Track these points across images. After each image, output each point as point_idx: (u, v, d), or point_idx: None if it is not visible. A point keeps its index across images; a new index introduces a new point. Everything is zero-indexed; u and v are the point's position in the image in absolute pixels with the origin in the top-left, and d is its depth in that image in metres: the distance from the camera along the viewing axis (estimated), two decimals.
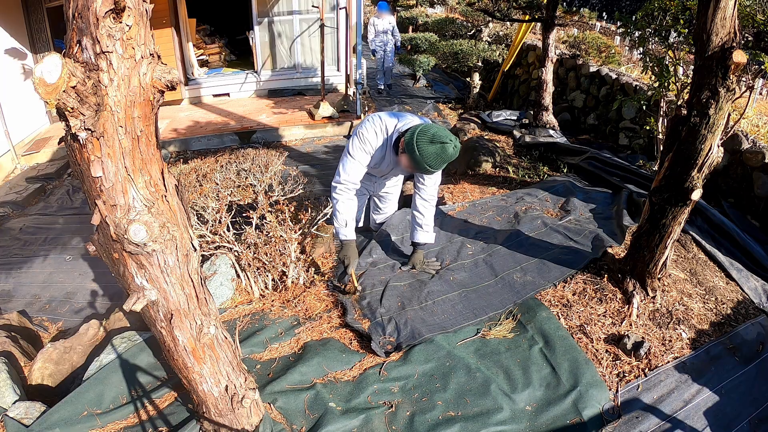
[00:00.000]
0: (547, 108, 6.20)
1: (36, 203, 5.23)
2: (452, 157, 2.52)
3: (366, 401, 2.26)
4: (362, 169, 2.80)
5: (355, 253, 2.93)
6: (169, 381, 2.38)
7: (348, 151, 2.77)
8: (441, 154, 2.48)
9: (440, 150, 2.47)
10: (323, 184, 5.20)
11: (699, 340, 2.57)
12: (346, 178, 2.76)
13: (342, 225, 2.86)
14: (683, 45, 3.99)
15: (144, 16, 1.32)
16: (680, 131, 2.43)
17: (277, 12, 7.82)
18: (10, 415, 2.19)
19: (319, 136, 6.93)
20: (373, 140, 2.74)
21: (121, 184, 1.42)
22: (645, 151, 5.46)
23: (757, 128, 4.54)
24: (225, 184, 3.02)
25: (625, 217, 3.58)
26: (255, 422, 2.06)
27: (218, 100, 8.13)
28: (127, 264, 1.55)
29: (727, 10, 2.13)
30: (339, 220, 2.85)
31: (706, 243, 3.40)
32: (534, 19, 6.73)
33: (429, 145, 2.48)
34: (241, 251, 2.93)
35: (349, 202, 2.82)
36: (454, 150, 2.50)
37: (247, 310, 2.85)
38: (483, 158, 5.16)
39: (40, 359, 2.62)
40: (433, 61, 9.13)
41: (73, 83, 1.22)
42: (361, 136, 2.74)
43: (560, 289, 2.87)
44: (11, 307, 3.47)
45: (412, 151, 2.52)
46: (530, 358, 2.45)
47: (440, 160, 2.50)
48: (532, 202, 3.95)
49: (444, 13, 13.32)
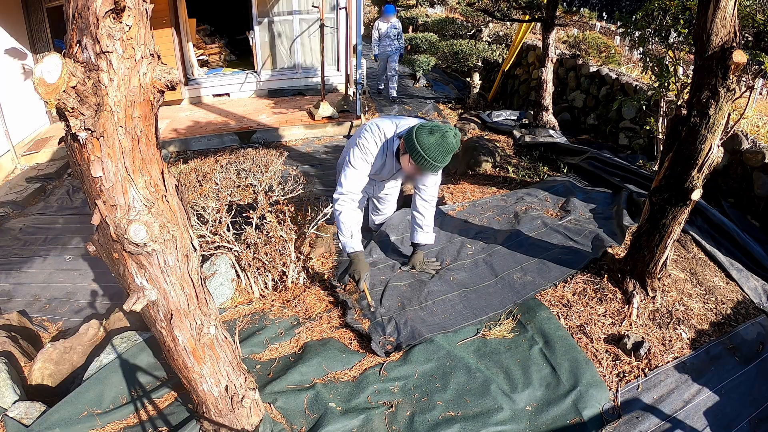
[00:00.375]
0: (547, 108, 6.20)
1: (36, 203, 5.23)
2: (454, 146, 2.44)
3: (366, 401, 2.26)
4: (364, 178, 2.75)
5: (366, 267, 2.77)
6: (169, 381, 2.38)
7: (349, 162, 2.72)
8: (442, 143, 2.40)
9: (440, 139, 2.40)
10: (323, 184, 5.19)
11: (699, 340, 2.57)
12: (348, 188, 2.70)
13: (348, 237, 2.74)
14: (683, 45, 3.99)
15: (144, 16, 1.32)
16: (680, 131, 2.43)
17: (277, 12, 7.82)
18: (10, 415, 2.20)
19: (319, 136, 6.93)
20: (373, 149, 2.70)
21: (121, 184, 1.42)
22: (645, 151, 5.46)
23: (757, 128, 4.54)
24: (225, 184, 3.02)
25: (625, 217, 3.58)
26: (255, 422, 2.06)
27: (218, 100, 8.13)
28: (127, 264, 1.55)
29: (727, 10, 2.13)
30: (344, 232, 2.73)
31: (706, 243, 3.40)
32: (534, 19, 6.73)
33: (428, 137, 2.41)
34: (241, 251, 2.93)
35: (353, 213, 2.73)
36: (455, 139, 2.42)
37: (247, 310, 2.85)
38: (483, 158, 5.16)
39: (40, 359, 2.62)
40: (433, 61, 9.12)
41: (73, 83, 1.22)
42: (362, 146, 2.69)
43: (560, 289, 2.87)
44: (11, 307, 3.47)
45: (413, 148, 2.45)
46: (530, 358, 2.45)
47: (442, 150, 2.42)
48: (532, 202, 3.95)
49: (444, 13, 13.32)
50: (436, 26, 9.86)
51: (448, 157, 2.47)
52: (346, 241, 2.75)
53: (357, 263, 2.76)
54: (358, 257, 2.77)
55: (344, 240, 2.76)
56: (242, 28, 9.32)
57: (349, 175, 2.71)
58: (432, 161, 2.44)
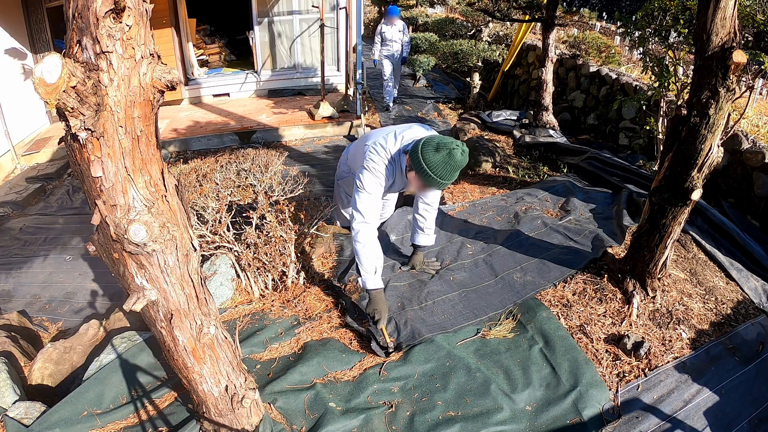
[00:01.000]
0: (547, 108, 6.20)
1: (36, 203, 5.23)
2: (461, 163, 2.34)
3: (366, 401, 2.26)
4: (380, 202, 2.64)
5: (386, 307, 2.58)
6: (169, 381, 2.38)
7: (363, 187, 2.55)
8: (449, 161, 2.31)
9: (447, 157, 2.30)
10: (323, 184, 5.20)
11: (699, 340, 2.57)
12: (368, 217, 2.54)
13: (371, 272, 2.54)
14: (683, 45, 3.99)
15: (144, 16, 1.32)
16: (680, 131, 2.43)
17: (277, 12, 7.82)
18: (10, 415, 2.20)
19: (319, 136, 6.93)
20: (383, 170, 2.56)
21: (121, 184, 1.42)
22: (645, 151, 5.46)
23: (757, 128, 4.54)
24: (225, 184, 3.02)
25: (625, 217, 3.58)
26: (255, 422, 2.06)
27: (218, 100, 8.13)
28: (127, 264, 1.55)
29: (727, 10, 2.13)
30: (367, 268, 2.53)
31: (706, 243, 3.40)
32: (534, 19, 6.73)
33: (434, 155, 2.32)
34: (241, 251, 2.93)
35: (374, 245, 2.55)
36: (463, 156, 2.32)
37: (247, 310, 2.85)
38: (483, 158, 5.16)
39: (40, 359, 2.62)
40: (433, 61, 9.11)
41: (73, 83, 1.22)
42: (372, 170, 2.55)
43: (560, 289, 2.87)
44: (11, 307, 3.47)
45: (419, 166, 2.36)
46: (530, 358, 2.45)
47: (449, 168, 2.32)
48: (532, 202, 3.95)
49: (444, 13, 13.33)
50: (436, 26, 9.87)
51: (455, 174, 2.38)
52: (368, 278, 2.55)
53: (378, 302, 2.56)
54: (380, 295, 2.58)
55: (366, 276, 2.55)
56: (242, 28, 9.31)
57: (366, 202, 2.54)
58: (439, 180, 2.36)
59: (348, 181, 3.21)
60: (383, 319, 2.54)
